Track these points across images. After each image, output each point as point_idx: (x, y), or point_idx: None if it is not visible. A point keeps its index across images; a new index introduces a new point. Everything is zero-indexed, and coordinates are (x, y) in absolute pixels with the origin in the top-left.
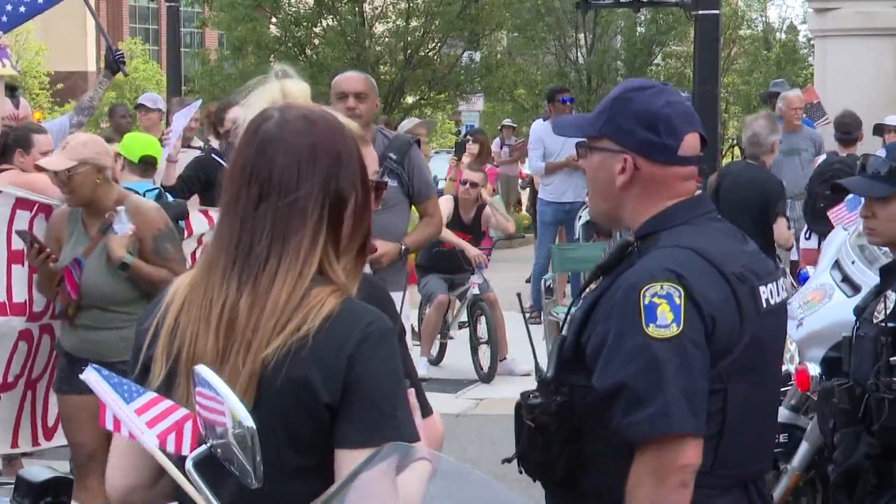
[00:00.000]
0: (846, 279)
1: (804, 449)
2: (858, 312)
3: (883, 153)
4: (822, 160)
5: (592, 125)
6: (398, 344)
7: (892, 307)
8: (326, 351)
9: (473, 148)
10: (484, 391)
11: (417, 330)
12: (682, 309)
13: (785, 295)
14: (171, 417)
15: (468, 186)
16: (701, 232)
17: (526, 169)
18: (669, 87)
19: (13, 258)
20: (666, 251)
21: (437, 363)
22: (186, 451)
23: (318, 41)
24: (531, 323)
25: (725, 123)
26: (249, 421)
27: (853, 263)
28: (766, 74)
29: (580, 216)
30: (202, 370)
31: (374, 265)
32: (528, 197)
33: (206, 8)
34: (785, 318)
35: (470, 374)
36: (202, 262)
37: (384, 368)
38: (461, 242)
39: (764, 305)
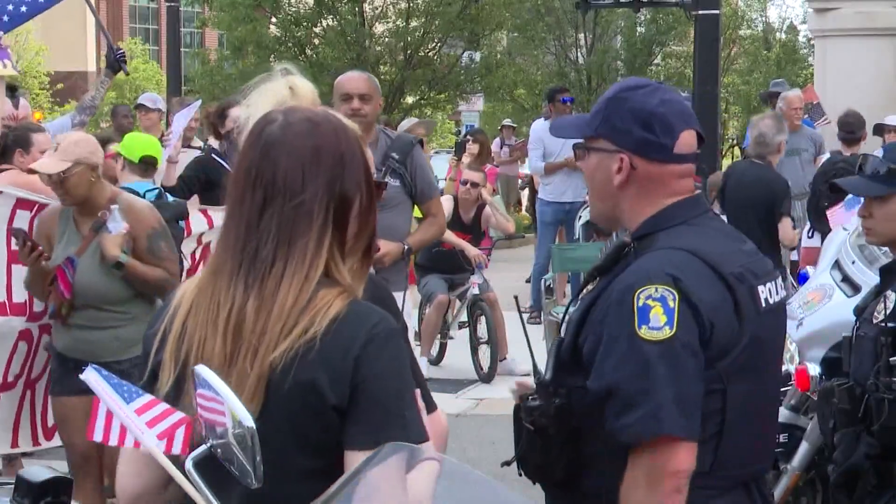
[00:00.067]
0: (846, 279)
1: (804, 449)
2: (858, 312)
3: (881, 153)
4: (825, 159)
5: (589, 126)
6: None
7: (891, 307)
8: (333, 353)
9: (473, 148)
10: (484, 391)
11: (418, 330)
12: (675, 312)
13: (784, 294)
14: (168, 420)
15: (469, 186)
16: (698, 232)
17: (525, 169)
18: (664, 85)
19: (13, 258)
20: (663, 252)
21: (437, 363)
22: (177, 452)
23: (318, 41)
24: (531, 323)
25: (725, 123)
26: (249, 421)
27: (853, 263)
28: (766, 74)
29: (580, 216)
30: (202, 370)
31: (376, 265)
32: (527, 197)
33: (206, 8)
34: (784, 317)
35: (470, 374)
36: (208, 265)
37: (390, 369)
38: (461, 242)
39: (763, 305)
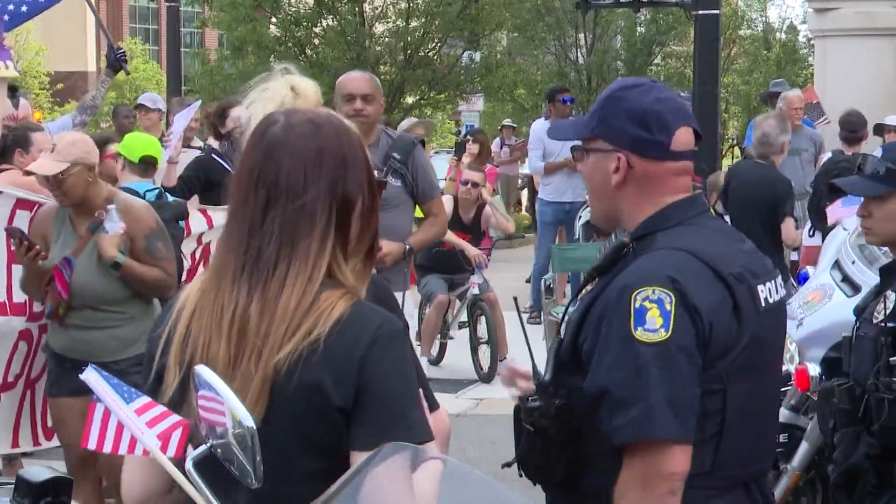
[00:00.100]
0: (846, 279)
1: (804, 449)
2: (858, 312)
3: (880, 153)
4: (827, 158)
5: (586, 127)
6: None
7: (891, 307)
8: (337, 355)
9: (473, 148)
10: (484, 391)
11: (418, 330)
12: (671, 315)
13: (784, 292)
14: (166, 421)
15: (470, 186)
16: (697, 232)
17: (524, 169)
18: (660, 84)
19: (13, 258)
20: (661, 253)
21: (437, 363)
22: (172, 455)
23: (318, 41)
24: (531, 323)
25: (725, 123)
26: (249, 421)
27: (853, 263)
28: (766, 74)
29: (580, 216)
30: (202, 371)
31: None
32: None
33: (206, 8)
34: (784, 316)
35: (470, 374)
36: (210, 267)
37: (395, 370)
38: (461, 242)
39: (763, 304)
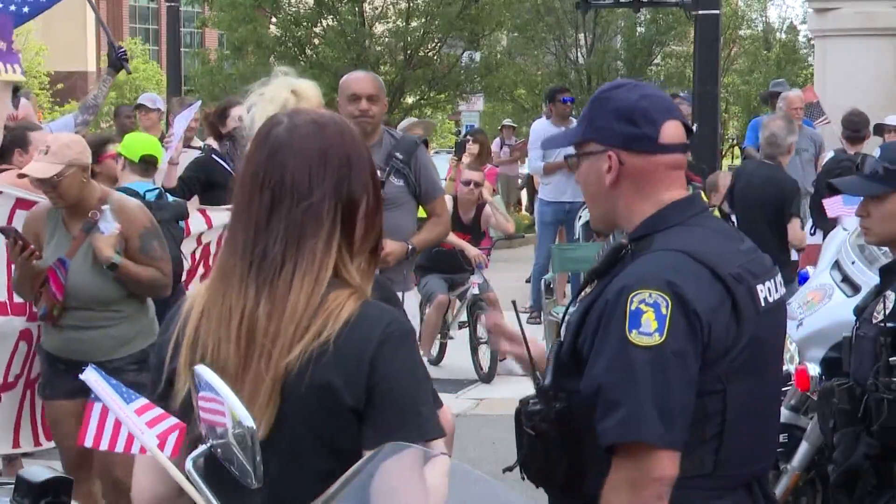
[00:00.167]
0: (846, 279)
1: (804, 449)
2: (858, 312)
3: (878, 153)
4: (829, 157)
5: (576, 132)
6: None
7: (891, 307)
8: (348, 355)
9: (473, 148)
10: (484, 391)
11: (419, 330)
12: (667, 319)
13: (783, 291)
14: (164, 423)
15: (472, 186)
16: (695, 233)
17: (524, 169)
18: (644, 83)
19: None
20: (659, 255)
21: (437, 363)
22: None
23: (318, 41)
24: (531, 323)
25: (725, 123)
26: (249, 421)
27: (853, 263)
28: (766, 74)
29: (580, 216)
30: (202, 370)
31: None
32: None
33: (206, 8)
34: (784, 315)
35: (470, 374)
36: (216, 269)
37: (405, 368)
38: (461, 242)
39: (762, 304)
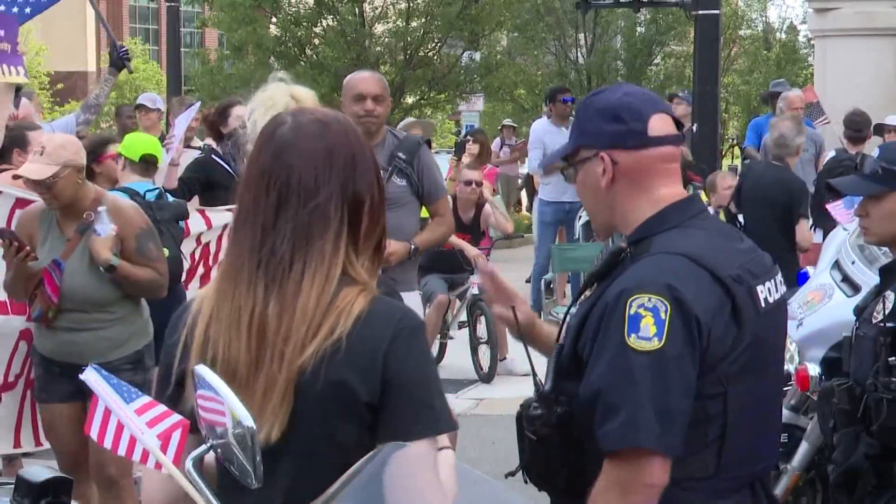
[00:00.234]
0: (846, 279)
1: (804, 449)
2: (858, 312)
3: (877, 153)
4: (830, 157)
5: (568, 144)
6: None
7: (891, 307)
8: (361, 352)
9: (473, 148)
10: (484, 391)
11: None
12: (666, 324)
13: (784, 290)
14: (166, 421)
15: (473, 186)
16: (694, 235)
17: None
18: (627, 84)
19: None
20: (658, 258)
21: (437, 363)
22: (171, 457)
23: (318, 41)
24: None
25: (725, 123)
26: (249, 421)
27: (853, 263)
28: (766, 74)
29: (580, 216)
30: (202, 370)
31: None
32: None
33: (206, 8)
34: (785, 314)
35: (470, 374)
36: (223, 270)
37: (418, 362)
38: (461, 242)
39: (763, 305)
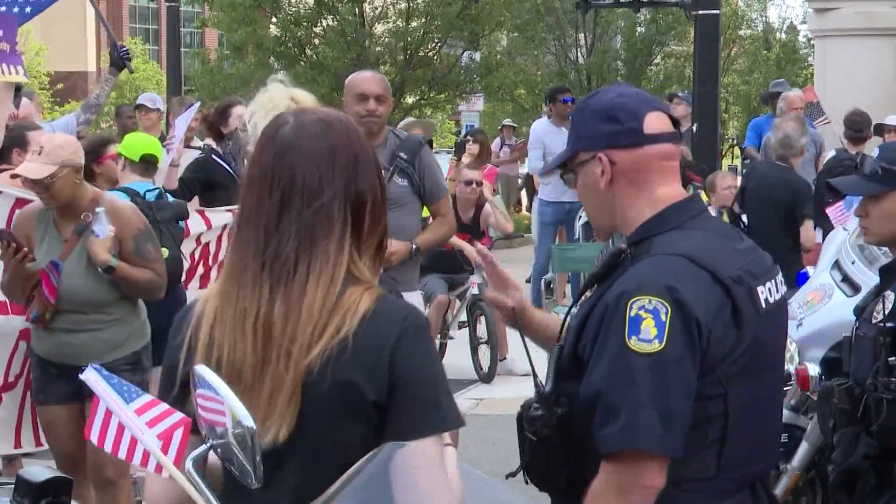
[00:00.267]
0: (846, 279)
1: (804, 449)
2: (858, 312)
3: (876, 153)
4: (830, 157)
5: (566, 150)
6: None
7: (890, 307)
8: (368, 351)
9: (473, 148)
10: (484, 391)
11: None
12: (666, 326)
13: (784, 290)
14: (167, 420)
15: (474, 186)
16: (694, 236)
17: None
18: (621, 85)
19: None
20: (658, 259)
21: None
22: (173, 456)
23: (318, 41)
24: None
25: (725, 123)
26: (249, 421)
27: (853, 263)
28: (766, 74)
29: (580, 216)
30: (202, 370)
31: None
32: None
33: (206, 8)
34: (785, 315)
35: (470, 374)
36: (226, 271)
37: (424, 360)
38: (460, 242)
39: (763, 306)
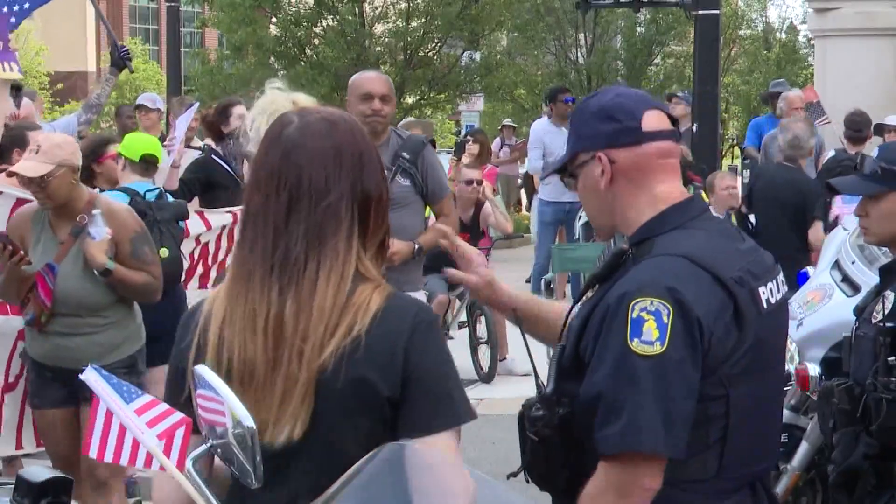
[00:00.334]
0: (846, 279)
1: (804, 449)
2: (858, 312)
3: (876, 153)
4: (830, 157)
5: (565, 153)
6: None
7: (890, 307)
8: (380, 348)
9: (473, 148)
10: (484, 391)
11: None
12: (668, 328)
13: (785, 290)
14: (168, 420)
15: (475, 185)
16: (695, 236)
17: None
18: (619, 86)
19: None
20: (660, 260)
21: None
22: (175, 457)
23: (318, 41)
24: None
25: (725, 123)
26: (249, 421)
27: (853, 263)
28: (766, 74)
29: (580, 216)
30: (202, 370)
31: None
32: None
33: (206, 8)
34: (786, 315)
35: (470, 374)
36: (234, 273)
37: (436, 356)
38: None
39: (764, 306)
